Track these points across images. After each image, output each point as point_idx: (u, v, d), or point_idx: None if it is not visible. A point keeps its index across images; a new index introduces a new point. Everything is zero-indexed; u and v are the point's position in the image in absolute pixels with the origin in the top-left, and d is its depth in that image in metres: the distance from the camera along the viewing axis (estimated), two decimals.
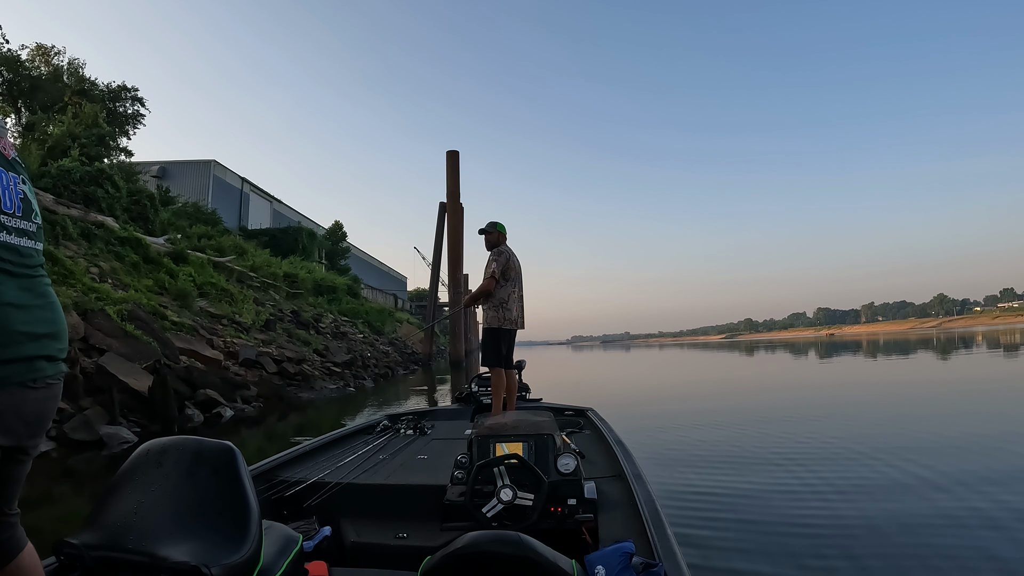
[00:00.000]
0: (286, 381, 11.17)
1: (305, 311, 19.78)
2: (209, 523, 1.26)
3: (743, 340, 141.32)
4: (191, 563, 1.11)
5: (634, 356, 44.48)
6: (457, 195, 23.82)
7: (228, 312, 13.94)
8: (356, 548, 2.50)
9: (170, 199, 24.74)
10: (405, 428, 4.17)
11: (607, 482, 2.62)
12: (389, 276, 59.95)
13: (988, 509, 3.79)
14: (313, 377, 12.24)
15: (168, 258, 14.82)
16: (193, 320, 11.45)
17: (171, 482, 1.32)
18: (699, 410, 9.64)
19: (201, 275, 15.30)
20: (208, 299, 14.27)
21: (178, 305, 12.36)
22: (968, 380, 13.37)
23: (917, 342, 41.96)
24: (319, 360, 14.33)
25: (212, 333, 11.37)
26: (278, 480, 2.80)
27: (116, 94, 25.71)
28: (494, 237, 4.85)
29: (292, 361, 12.32)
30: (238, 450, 1.40)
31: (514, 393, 4.81)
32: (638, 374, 22.39)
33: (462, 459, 2.56)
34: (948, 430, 6.80)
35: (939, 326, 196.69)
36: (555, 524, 2.25)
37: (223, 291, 15.25)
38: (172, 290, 12.82)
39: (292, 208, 41.26)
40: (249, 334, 13.00)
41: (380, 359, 19.93)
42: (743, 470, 5.09)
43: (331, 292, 25.47)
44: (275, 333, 14.26)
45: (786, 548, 3.18)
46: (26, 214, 1.27)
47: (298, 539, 1.59)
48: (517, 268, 4.82)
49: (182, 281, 13.45)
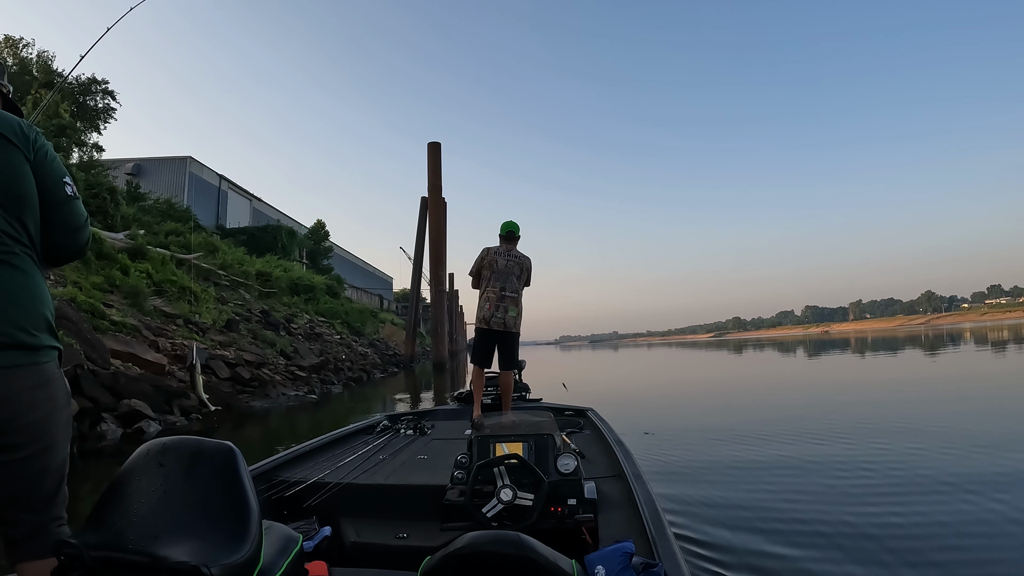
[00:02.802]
0: (238, 388, 10.05)
1: (277, 311, 18.75)
2: (209, 523, 1.23)
3: (732, 339, 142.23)
4: (191, 563, 1.07)
5: (623, 356, 44.22)
6: (439, 189, 22.77)
7: (186, 312, 12.90)
8: (356, 548, 2.48)
9: (141, 195, 23.84)
10: (405, 428, 4.17)
11: (607, 482, 2.62)
12: (375, 276, 59.09)
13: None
14: (272, 383, 11.09)
15: (125, 254, 13.83)
16: (140, 320, 10.39)
17: (171, 482, 1.28)
18: (699, 410, 9.55)
19: (160, 272, 14.36)
20: (165, 298, 13.30)
21: (128, 304, 11.39)
22: (973, 377, 12.90)
23: (907, 339, 42.15)
24: (283, 363, 13.26)
25: (160, 334, 10.31)
26: (278, 480, 2.80)
27: (86, 87, 24.65)
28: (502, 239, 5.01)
29: (251, 365, 11.21)
30: (238, 450, 1.36)
31: (508, 393, 4.78)
32: (629, 375, 21.80)
33: (462, 459, 2.54)
34: (959, 426, 6.64)
35: (927, 323, 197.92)
36: (555, 524, 2.24)
37: (184, 289, 14.29)
38: (124, 287, 11.88)
39: (273, 207, 40.43)
40: (206, 335, 11.95)
41: (356, 361, 18.89)
42: (743, 470, 5.02)
43: (308, 292, 24.49)
44: (237, 334, 13.20)
45: (786, 547, 3.16)
46: None
47: (298, 539, 1.54)
48: (496, 266, 4.80)
49: (135, 278, 12.45)
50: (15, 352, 1.27)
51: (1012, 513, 3.61)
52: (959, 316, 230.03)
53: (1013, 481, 4.30)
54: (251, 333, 14.05)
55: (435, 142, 23.15)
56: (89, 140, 23.47)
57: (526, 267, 4.92)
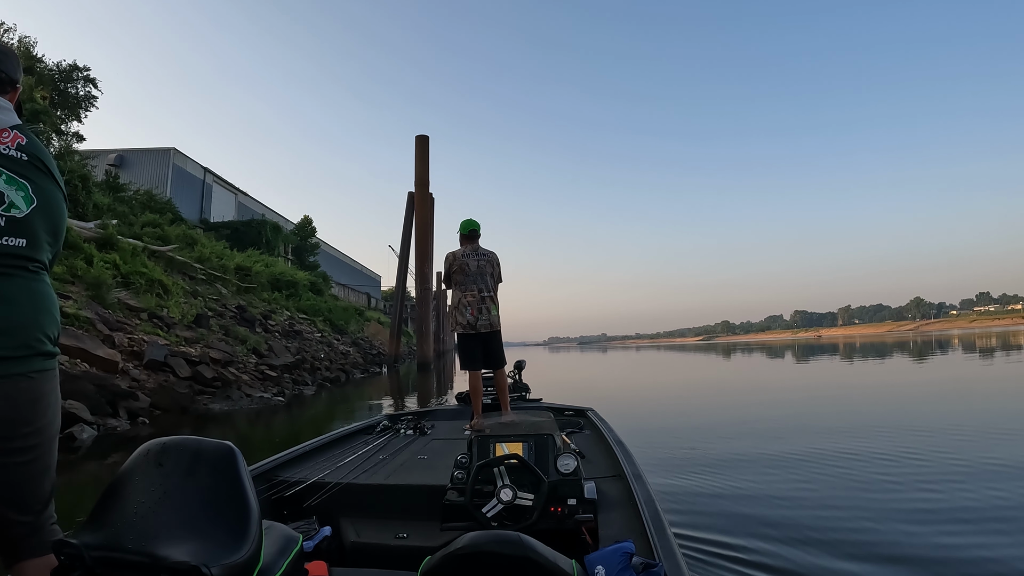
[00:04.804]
0: (197, 388, 9.34)
1: (255, 307, 18.07)
2: (209, 523, 1.22)
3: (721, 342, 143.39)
4: (191, 563, 1.07)
5: (612, 358, 43.93)
6: (426, 183, 22.13)
7: (152, 305, 12.23)
8: (356, 548, 2.48)
9: (120, 186, 23.14)
10: (405, 428, 4.16)
11: (607, 482, 2.62)
12: (363, 274, 58.37)
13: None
14: (238, 383, 10.36)
15: (92, 244, 13.15)
16: (96, 313, 9.73)
17: (171, 482, 1.28)
18: (699, 411, 9.48)
19: (130, 264, 13.66)
20: (132, 290, 12.63)
21: (89, 296, 10.73)
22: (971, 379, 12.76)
23: (899, 345, 42.45)
24: (254, 361, 12.59)
25: (117, 329, 9.65)
26: (278, 480, 2.79)
27: (67, 74, 23.87)
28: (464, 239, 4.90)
29: (216, 363, 10.53)
30: (238, 450, 1.35)
31: (504, 391, 4.73)
32: (622, 376, 21.41)
33: (462, 459, 2.53)
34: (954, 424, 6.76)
35: (916, 329, 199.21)
36: (555, 524, 2.22)
37: (154, 282, 13.62)
38: (87, 278, 11.21)
39: (259, 201, 39.68)
40: (171, 331, 11.28)
41: (335, 360, 18.23)
42: (743, 470, 4.99)
43: (290, 288, 23.76)
44: (206, 330, 12.53)
45: (786, 547, 3.14)
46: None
47: (298, 539, 1.52)
48: (468, 269, 4.73)
49: (99, 268, 11.78)
50: (40, 359, 1.38)
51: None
52: (948, 323, 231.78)
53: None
54: (223, 329, 13.41)
55: (423, 135, 22.51)
56: (69, 129, 22.82)
57: (496, 263, 4.88)
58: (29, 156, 1.46)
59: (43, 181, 1.47)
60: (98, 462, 5.78)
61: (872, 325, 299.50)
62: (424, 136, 22.47)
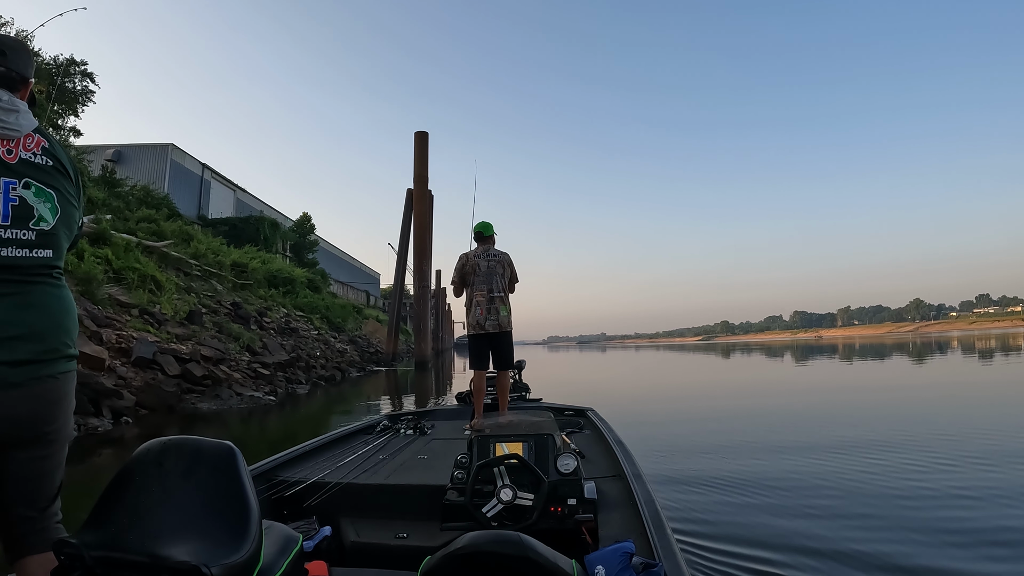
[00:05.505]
0: (186, 387, 9.12)
1: (250, 303, 17.86)
2: (209, 523, 1.22)
3: (720, 342, 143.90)
4: (191, 563, 1.07)
5: (612, 357, 43.85)
6: (425, 180, 21.91)
7: (143, 301, 12.02)
8: (356, 548, 2.47)
9: (117, 182, 22.97)
10: (405, 428, 4.15)
11: (607, 482, 2.61)
12: (362, 272, 58.12)
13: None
14: (229, 381, 10.14)
15: (85, 239, 12.97)
16: (85, 309, 9.53)
17: (171, 482, 1.28)
18: (698, 411, 9.45)
19: (123, 259, 13.48)
20: (124, 286, 12.43)
21: (79, 291, 10.55)
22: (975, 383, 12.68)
23: (895, 346, 42.37)
24: (247, 359, 12.37)
25: (106, 325, 9.44)
26: (278, 480, 2.78)
27: (64, 69, 23.69)
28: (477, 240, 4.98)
29: (207, 361, 10.31)
30: (238, 450, 1.35)
31: (505, 393, 4.73)
32: (622, 376, 21.28)
33: (462, 459, 2.53)
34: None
35: (916, 331, 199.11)
36: (555, 524, 2.23)
37: (147, 278, 13.43)
38: (77, 273, 11.03)
39: (258, 198, 39.43)
40: (162, 327, 11.07)
41: (331, 359, 18.03)
42: (743, 470, 4.96)
43: (287, 285, 23.55)
44: (199, 327, 12.31)
45: (787, 547, 3.12)
46: (19, 222, 1.37)
47: (298, 539, 1.53)
48: (479, 269, 4.78)
49: (89, 264, 11.58)
50: (64, 361, 1.45)
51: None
52: (947, 324, 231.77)
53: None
54: (216, 326, 13.20)
55: (422, 132, 22.31)
56: (67, 124, 22.63)
57: (508, 263, 4.89)
58: (53, 161, 1.48)
59: (66, 187, 1.51)
60: (73, 466, 5.51)
61: (871, 326, 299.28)
62: (423, 132, 22.27)
